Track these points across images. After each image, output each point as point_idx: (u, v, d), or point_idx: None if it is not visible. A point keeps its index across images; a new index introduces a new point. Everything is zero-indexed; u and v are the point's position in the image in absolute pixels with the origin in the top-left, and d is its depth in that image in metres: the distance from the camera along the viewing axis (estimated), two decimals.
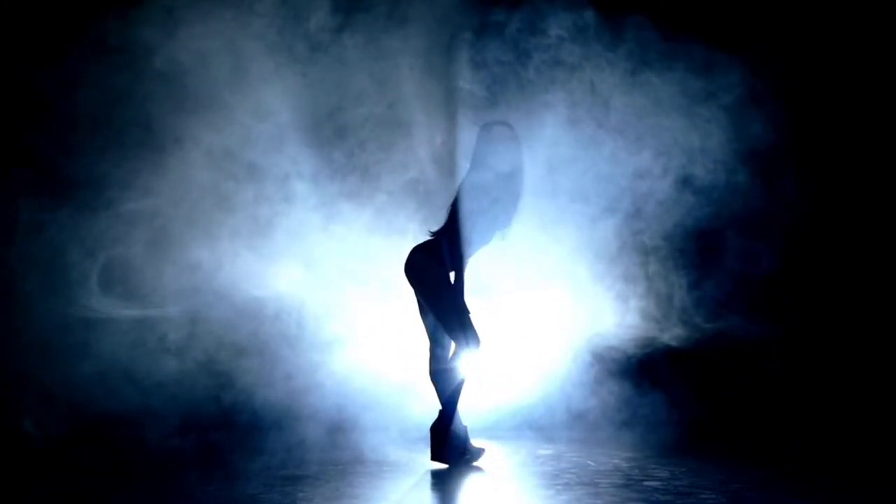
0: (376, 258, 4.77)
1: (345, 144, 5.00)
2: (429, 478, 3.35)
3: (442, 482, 3.29)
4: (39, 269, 4.75)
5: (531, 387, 5.01)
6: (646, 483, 3.17)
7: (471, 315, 3.57)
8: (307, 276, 4.81)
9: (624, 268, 4.99)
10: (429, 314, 3.67)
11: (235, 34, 4.77)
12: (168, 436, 4.70)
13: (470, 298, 3.65)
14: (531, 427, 4.92)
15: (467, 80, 4.83)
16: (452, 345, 3.63)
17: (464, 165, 3.81)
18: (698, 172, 4.92)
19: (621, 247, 4.98)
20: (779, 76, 4.90)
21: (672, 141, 4.90)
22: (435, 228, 3.74)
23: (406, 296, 4.00)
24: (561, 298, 4.94)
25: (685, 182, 4.93)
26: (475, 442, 3.74)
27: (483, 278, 4.50)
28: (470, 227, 3.61)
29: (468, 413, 3.77)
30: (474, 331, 3.56)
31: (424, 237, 3.79)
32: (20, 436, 4.57)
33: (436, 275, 3.60)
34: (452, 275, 3.66)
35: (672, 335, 4.96)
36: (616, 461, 3.72)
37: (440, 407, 3.61)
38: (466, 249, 3.62)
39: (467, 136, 4.56)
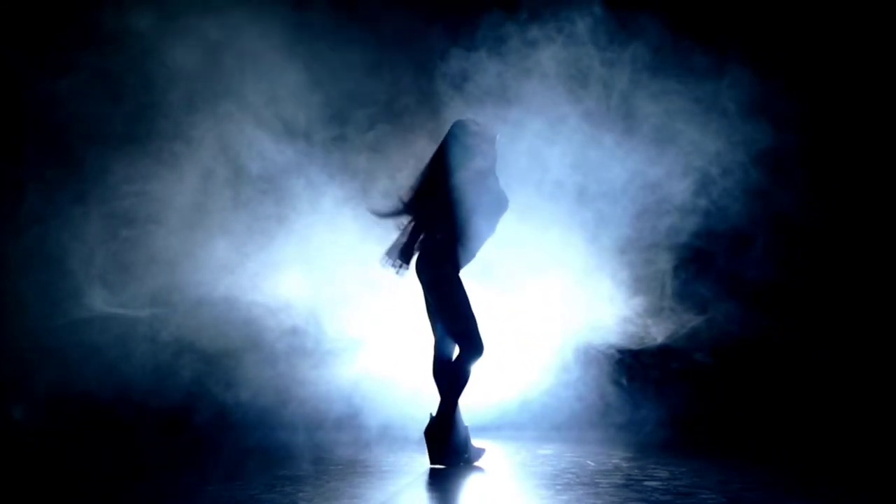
0: (375, 262, 4.76)
1: (344, 147, 5.00)
2: (429, 478, 3.35)
3: (442, 482, 3.29)
4: (38, 266, 4.75)
5: (525, 385, 5.01)
6: (646, 483, 3.16)
7: (477, 322, 3.58)
8: (308, 278, 4.81)
9: (619, 264, 4.98)
10: (435, 313, 3.68)
11: (238, 37, 4.77)
12: (167, 436, 4.71)
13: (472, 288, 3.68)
14: (526, 427, 4.92)
15: (471, 82, 4.83)
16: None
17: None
18: (698, 171, 4.93)
19: (619, 242, 4.98)
20: (787, 79, 4.91)
21: (675, 139, 4.91)
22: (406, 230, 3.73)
23: (406, 298, 3.99)
24: (553, 295, 4.94)
25: (685, 180, 4.93)
26: (475, 442, 3.74)
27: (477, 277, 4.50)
28: (473, 226, 3.62)
29: (467, 412, 3.77)
30: (480, 338, 3.57)
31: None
32: (18, 435, 4.57)
33: (445, 276, 3.60)
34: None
35: (663, 331, 4.96)
36: (616, 461, 3.72)
37: (432, 412, 3.61)
38: (475, 238, 3.65)
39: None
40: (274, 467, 3.59)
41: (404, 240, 3.71)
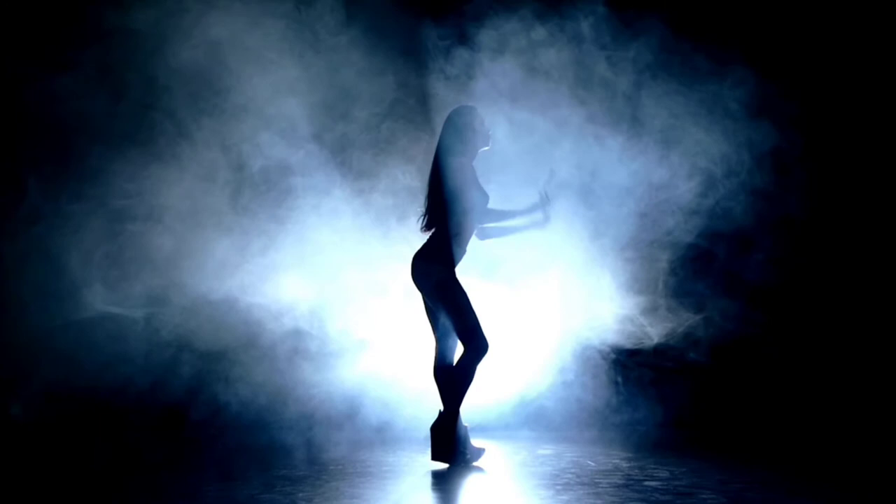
0: (376, 263, 4.76)
1: (346, 147, 5.00)
2: (429, 478, 3.35)
3: (442, 482, 3.29)
4: (38, 265, 4.74)
5: (524, 385, 5.01)
6: (646, 483, 3.16)
7: (479, 319, 3.58)
8: (309, 279, 4.80)
9: (618, 264, 4.98)
10: (435, 314, 3.68)
11: (238, 36, 4.77)
12: (166, 434, 4.70)
13: (471, 286, 3.68)
14: (525, 427, 4.93)
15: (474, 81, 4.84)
16: (459, 345, 3.64)
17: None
18: (698, 172, 4.93)
19: (619, 241, 4.98)
20: (789, 80, 4.92)
21: (678, 139, 4.91)
22: (421, 227, 3.76)
23: (406, 299, 3.98)
24: (552, 294, 4.93)
25: (684, 180, 4.93)
26: (475, 442, 3.74)
27: (476, 276, 4.50)
28: (467, 221, 3.63)
29: (464, 412, 3.77)
30: (484, 336, 3.57)
31: (420, 240, 3.78)
32: (17, 433, 4.56)
33: (444, 279, 3.60)
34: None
35: (661, 330, 4.96)
36: (616, 461, 3.72)
37: (440, 407, 3.62)
38: (467, 235, 3.67)
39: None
40: (273, 467, 3.59)
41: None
